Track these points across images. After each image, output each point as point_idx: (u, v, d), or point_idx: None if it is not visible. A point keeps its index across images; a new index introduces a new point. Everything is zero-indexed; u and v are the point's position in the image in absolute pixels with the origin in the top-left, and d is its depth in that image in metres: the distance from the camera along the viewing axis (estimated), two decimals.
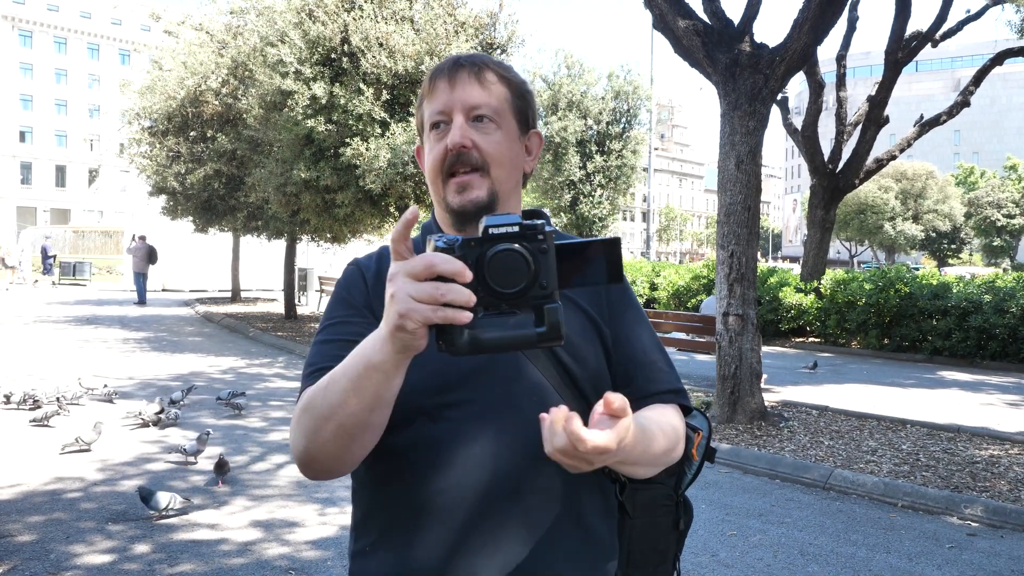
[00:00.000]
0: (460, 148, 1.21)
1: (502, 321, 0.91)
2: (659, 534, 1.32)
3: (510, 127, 1.28)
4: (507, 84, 1.29)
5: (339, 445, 1.07)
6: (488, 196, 1.23)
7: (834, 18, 7.12)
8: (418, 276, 0.89)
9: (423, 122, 1.30)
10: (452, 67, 1.26)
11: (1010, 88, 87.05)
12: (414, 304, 0.89)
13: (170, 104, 15.75)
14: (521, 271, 0.90)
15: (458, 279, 0.88)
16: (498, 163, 1.24)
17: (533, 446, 1.15)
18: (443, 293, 0.88)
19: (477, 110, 1.24)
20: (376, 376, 0.99)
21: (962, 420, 7.93)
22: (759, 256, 7.87)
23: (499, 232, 0.91)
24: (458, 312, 0.88)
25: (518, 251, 0.90)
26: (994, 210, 58.07)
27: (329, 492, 5.24)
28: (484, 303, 0.90)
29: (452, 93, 1.24)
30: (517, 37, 11.77)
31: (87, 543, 4.21)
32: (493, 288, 0.90)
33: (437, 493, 1.15)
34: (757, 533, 4.81)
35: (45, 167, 66.71)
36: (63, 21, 67.16)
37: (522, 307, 0.91)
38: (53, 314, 17.34)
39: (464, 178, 1.23)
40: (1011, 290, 12.68)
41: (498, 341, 0.91)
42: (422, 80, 2.26)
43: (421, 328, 0.90)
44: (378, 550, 1.20)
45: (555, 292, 0.91)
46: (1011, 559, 4.53)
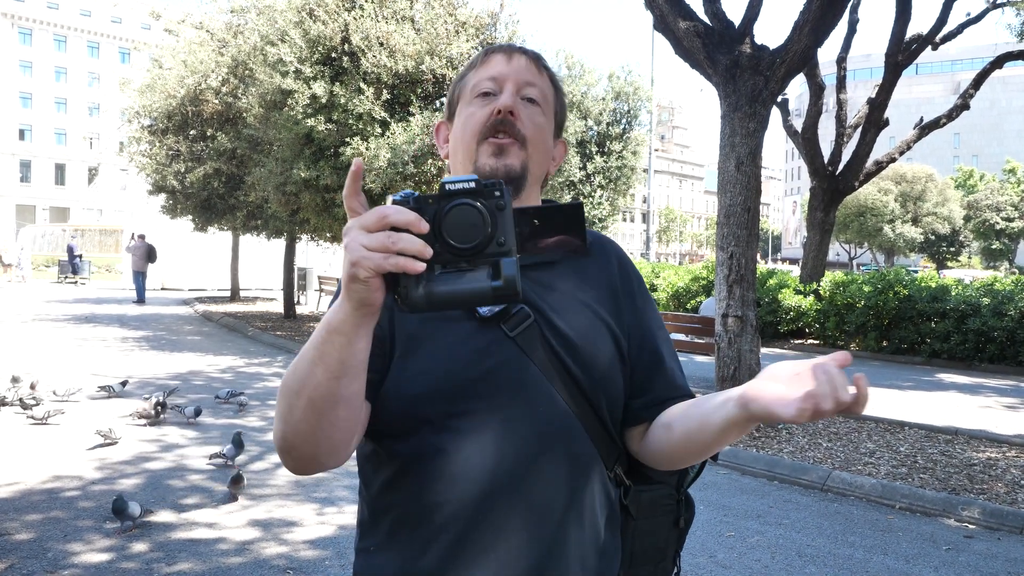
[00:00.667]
0: (509, 113, 1.22)
1: (459, 277, 0.91)
2: (660, 532, 1.33)
3: (549, 123, 1.31)
4: (554, 84, 1.33)
5: (310, 424, 1.04)
6: (521, 167, 1.24)
7: (835, 20, 7.12)
8: (370, 227, 0.89)
9: (460, 94, 1.31)
10: (511, 47, 1.30)
11: (1010, 91, 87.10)
12: (365, 252, 0.89)
13: (170, 103, 15.75)
14: (478, 226, 0.90)
15: (412, 229, 0.88)
16: (535, 143, 1.26)
17: (538, 456, 1.15)
18: (394, 241, 0.88)
19: (529, 89, 1.27)
20: (338, 339, 0.97)
21: (960, 422, 7.94)
22: (759, 258, 7.88)
23: (456, 188, 0.91)
24: (410, 261, 0.88)
25: (475, 206, 0.90)
26: (993, 213, 58.12)
27: (327, 492, 5.24)
28: (442, 260, 0.91)
29: (508, 66, 1.27)
30: (518, 37, 11.77)
31: (85, 542, 4.21)
32: (450, 243, 0.90)
33: (441, 502, 1.14)
34: (755, 534, 4.81)
35: (44, 165, 66.66)
36: (63, 19, 67.12)
37: (480, 264, 0.91)
38: (52, 312, 17.33)
39: (503, 140, 1.23)
40: (1009, 293, 12.70)
41: (452, 295, 0.90)
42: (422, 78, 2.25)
43: (375, 279, 0.90)
44: (383, 551, 1.20)
45: (513, 249, 0.91)
46: (1007, 561, 4.53)
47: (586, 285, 1.29)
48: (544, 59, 1.33)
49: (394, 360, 1.16)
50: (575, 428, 1.18)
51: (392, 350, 1.17)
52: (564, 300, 1.24)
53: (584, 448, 1.19)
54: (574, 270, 1.29)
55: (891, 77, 14.01)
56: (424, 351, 1.15)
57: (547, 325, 1.20)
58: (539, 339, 1.18)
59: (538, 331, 1.19)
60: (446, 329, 1.17)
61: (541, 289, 1.23)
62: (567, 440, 1.17)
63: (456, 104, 1.32)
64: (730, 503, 5.40)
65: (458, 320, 1.17)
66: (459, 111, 1.30)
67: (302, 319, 17.00)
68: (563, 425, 1.18)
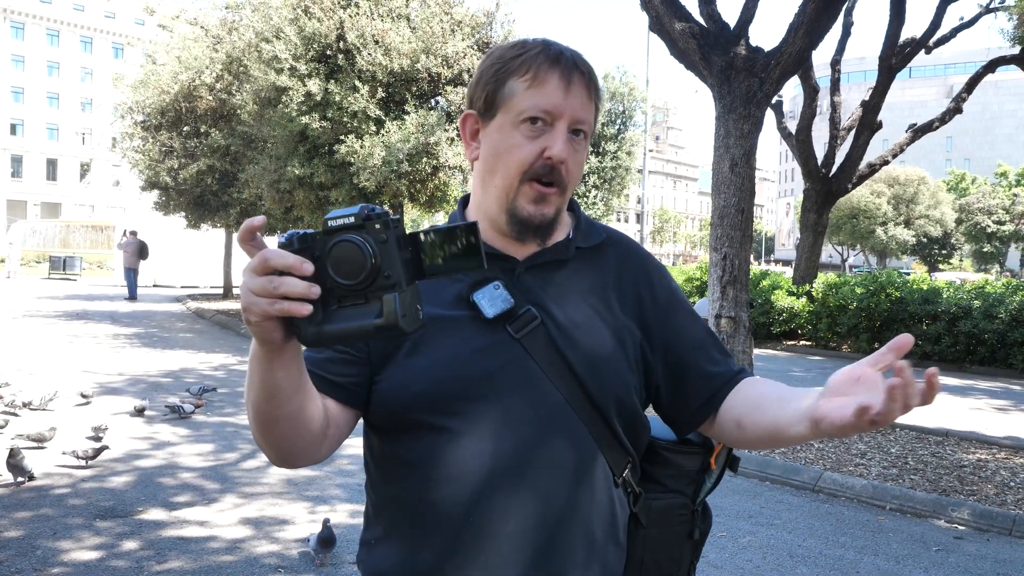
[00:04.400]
0: (560, 163, 1.18)
1: (351, 313, 0.91)
2: (673, 543, 1.31)
3: (588, 143, 1.27)
4: (599, 101, 1.26)
5: (259, 432, 1.09)
6: (555, 213, 1.22)
7: (829, 23, 7.14)
8: (256, 270, 0.90)
9: (504, 102, 1.19)
10: (569, 65, 1.19)
11: (1002, 95, 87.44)
12: (253, 298, 0.90)
13: (163, 99, 15.70)
14: (359, 262, 0.90)
15: (293, 272, 0.89)
16: (574, 182, 1.23)
17: (537, 457, 1.15)
18: (276, 286, 0.88)
19: (580, 125, 1.20)
20: (258, 366, 1.00)
21: (951, 424, 7.97)
22: (752, 259, 7.89)
23: (337, 224, 0.91)
24: (295, 305, 0.88)
25: (354, 241, 0.90)
26: (985, 216, 58.34)
27: (320, 490, 5.23)
28: (337, 296, 0.91)
29: (566, 98, 1.17)
30: (513, 37, 11.77)
31: (75, 539, 4.19)
32: (336, 280, 0.90)
33: (439, 499, 1.15)
34: (746, 535, 4.82)
35: (36, 160, 66.29)
36: (56, 13, 66.76)
37: (371, 298, 0.91)
38: (43, 309, 17.24)
39: (547, 190, 1.19)
40: (1000, 296, 12.76)
41: (338, 332, 0.91)
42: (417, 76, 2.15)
43: (266, 321, 0.91)
44: (383, 544, 1.21)
45: (400, 282, 0.90)
46: (997, 562, 4.56)
47: (599, 284, 1.27)
48: (596, 81, 1.23)
49: (397, 358, 1.16)
50: (577, 431, 1.18)
51: (372, 355, 1.18)
52: (574, 301, 1.23)
53: (586, 451, 1.18)
54: (587, 268, 1.28)
55: (885, 80, 14.05)
56: (428, 350, 1.16)
57: (554, 326, 1.19)
58: (545, 341, 1.18)
59: (544, 333, 1.18)
60: (451, 329, 1.17)
61: (551, 289, 1.22)
62: (568, 442, 1.16)
63: (496, 107, 1.20)
64: (722, 503, 5.41)
65: (463, 321, 1.17)
66: (500, 124, 1.20)
67: None
68: (565, 427, 1.17)
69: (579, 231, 1.30)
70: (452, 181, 11.81)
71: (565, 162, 1.18)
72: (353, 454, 5.78)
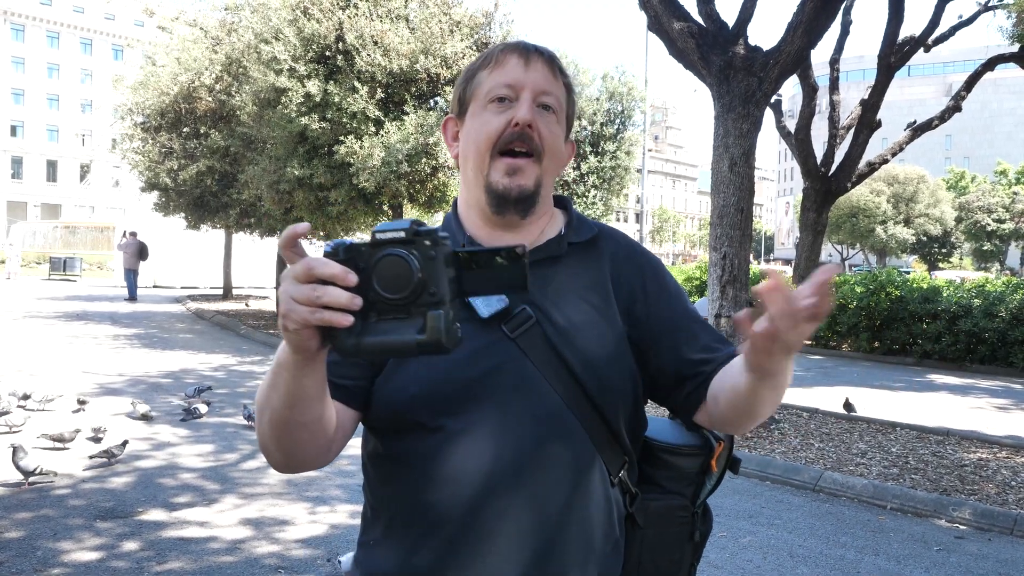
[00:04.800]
0: (527, 126, 1.20)
1: (391, 326, 0.90)
2: (672, 545, 1.30)
3: (563, 128, 1.28)
4: (566, 85, 1.29)
5: (274, 438, 1.09)
6: (534, 185, 1.23)
7: (828, 22, 7.14)
8: (299, 278, 0.89)
9: (473, 93, 1.26)
10: (527, 47, 1.25)
11: (1001, 93, 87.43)
12: (294, 305, 0.89)
13: (163, 100, 15.69)
14: (406, 277, 0.89)
15: (337, 282, 0.88)
16: (550, 154, 1.24)
17: (534, 457, 1.15)
18: (319, 295, 0.88)
19: (546, 96, 1.23)
20: (284, 374, 1.00)
21: (951, 423, 7.97)
22: (751, 258, 7.89)
23: (386, 238, 0.91)
24: (336, 315, 0.88)
25: (403, 256, 0.90)
26: (984, 215, 58.34)
27: (320, 491, 5.23)
28: (378, 309, 0.91)
29: (526, 71, 1.23)
30: (512, 37, 11.77)
31: (75, 540, 4.19)
32: (381, 293, 0.90)
33: (436, 501, 1.15)
34: (747, 535, 4.82)
35: (36, 162, 66.30)
36: (56, 15, 66.77)
37: (413, 313, 0.91)
38: (43, 309, 17.24)
39: (518, 160, 1.21)
40: (1000, 294, 12.76)
41: (378, 345, 0.90)
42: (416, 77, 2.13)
43: (304, 329, 0.91)
44: (380, 546, 1.21)
45: (444, 299, 0.90)
46: (998, 562, 4.55)
47: (592, 280, 1.27)
48: (559, 60, 1.28)
49: (391, 360, 1.16)
50: (575, 430, 1.17)
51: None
52: (569, 298, 1.23)
53: (583, 450, 1.18)
54: (580, 264, 1.27)
55: (884, 79, 14.04)
56: None
57: (550, 325, 1.19)
58: (540, 340, 1.17)
59: (539, 332, 1.18)
60: None
61: (546, 286, 1.22)
62: (565, 442, 1.16)
63: (467, 102, 1.27)
64: (722, 503, 5.41)
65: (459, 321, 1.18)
66: (472, 112, 1.26)
67: None
68: (562, 427, 1.17)
69: (571, 227, 1.31)
70: (451, 181, 11.80)
71: (534, 126, 1.20)
72: (353, 455, 5.74)
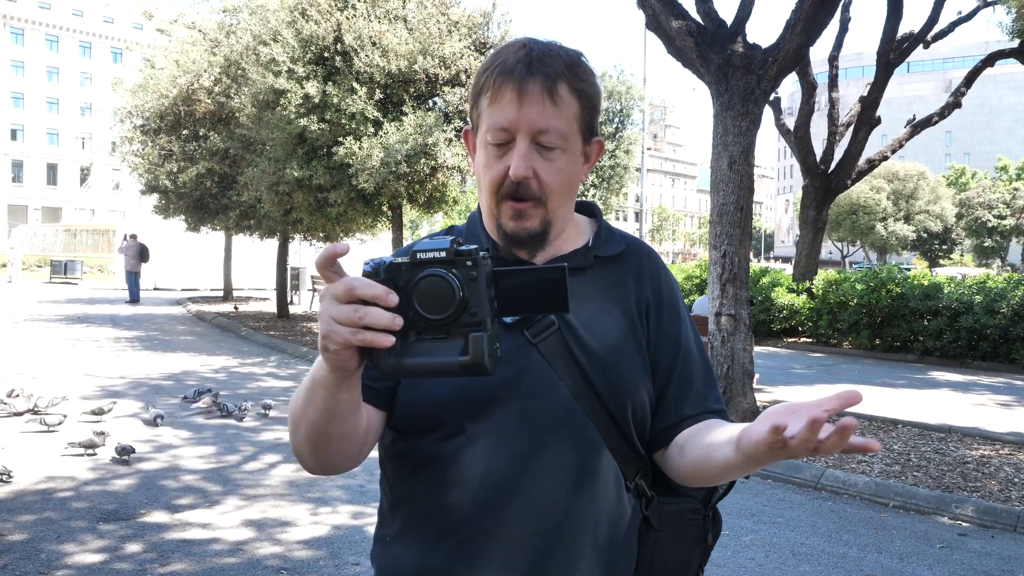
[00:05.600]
0: (522, 180, 1.16)
1: (433, 347, 0.90)
2: (684, 547, 1.31)
3: (574, 147, 1.20)
4: (579, 97, 1.18)
5: (310, 449, 1.11)
6: (541, 226, 1.20)
7: (827, 19, 7.14)
8: (339, 298, 0.89)
9: (477, 119, 1.22)
10: (523, 75, 1.14)
11: (1001, 89, 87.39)
12: (334, 326, 0.89)
13: (162, 102, 15.69)
14: (447, 297, 0.89)
15: (379, 303, 0.88)
16: (555, 194, 1.19)
17: (552, 462, 1.16)
18: (360, 316, 0.88)
19: (544, 135, 1.15)
20: (321, 391, 1.00)
21: (953, 420, 7.97)
22: (751, 256, 7.89)
23: (427, 257, 0.90)
24: (378, 336, 0.88)
25: (444, 277, 0.89)
26: (985, 211, 58.31)
27: (322, 492, 5.23)
28: (418, 328, 0.90)
29: (520, 110, 1.14)
30: (510, 37, 11.76)
31: (78, 542, 4.19)
32: (421, 313, 0.90)
33: (453, 502, 1.16)
34: (749, 533, 4.82)
35: (36, 165, 66.36)
36: (55, 19, 66.82)
37: (453, 333, 0.90)
38: (44, 313, 17.26)
39: (520, 205, 1.18)
40: (1002, 291, 12.74)
41: (420, 367, 0.90)
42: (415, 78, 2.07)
43: (345, 350, 0.90)
44: (397, 543, 1.22)
45: (486, 320, 0.90)
46: (1001, 559, 4.55)
47: (616, 294, 1.27)
48: (564, 70, 1.16)
49: None
50: (592, 437, 1.18)
51: None
52: (591, 308, 1.23)
53: (600, 456, 1.19)
54: (605, 278, 1.27)
55: (883, 75, 14.05)
56: None
57: (570, 333, 1.19)
58: (561, 347, 1.18)
59: (560, 339, 1.18)
60: None
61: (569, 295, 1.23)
62: (582, 448, 1.17)
63: (476, 123, 1.22)
64: (723, 502, 5.36)
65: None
66: (477, 143, 1.23)
67: (295, 319, 16.96)
68: (579, 433, 1.17)
69: (599, 239, 1.30)
70: (451, 182, 11.80)
71: (532, 177, 1.16)
72: None
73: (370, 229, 15.47)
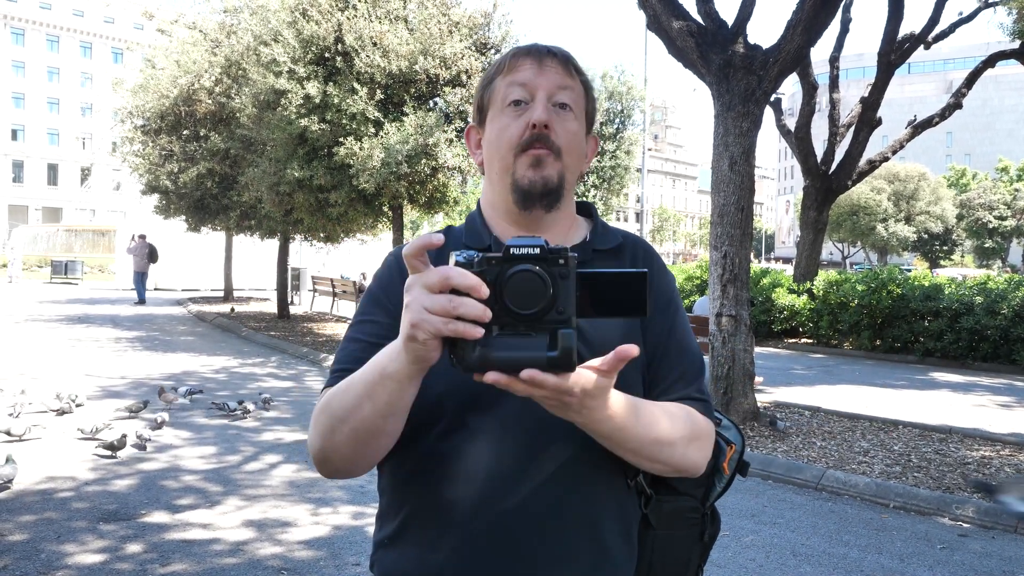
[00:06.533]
0: (544, 126, 1.20)
1: (516, 342, 0.90)
2: (682, 545, 1.32)
3: (582, 123, 1.29)
4: (583, 82, 1.30)
5: (352, 448, 1.10)
6: (558, 178, 1.23)
7: (827, 20, 7.14)
8: (433, 288, 0.90)
9: (490, 99, 1.28)
10: (540, 50, 1.27)
11: (1002, 90, 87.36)
12: (426, 315, 0.89)
13: (163, 103, 15.70)
14: (539, 293, 0.90)
15: (473, 294, 0.88)
16: (569, 151, 1.24)
17: (550, 460, 1.16)
18: (455, 306, 0.88)
19: (561, 95, 1.24)
20: (390, 385, 1.00)
21: (954, 421, 7.96)
22: (752, 257, 7.89)
23: (520, 253, 0.91)
24: (469, 327, 0.88)
25: (537, 273, 0.90)
26: (986, 212, 58.29)
27: (322, 492, 5.23)
28: (500, 323, 0.91)
29: (540, 73, 1.24)
30: (511, 37, 11.78)
31: (79, 543, 4.19)
32: (510, 308, 0.90)
33: (453, 500, 1.16)
34: (749, 534, 4.82)
35: (37, 165, 66.38)
36: (56, 19, 66.86)
37: (538, 330, 0.91)
38: (45, 313, 17.27)
39: (541, 152, 1.21)
40: (1003, 292, 12.74)
41: (507, 360, 0.90)
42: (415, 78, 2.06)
43: (432, 340, 0.91)
44: (397, 545, 1.22)
45: (572, 318, 0.91)
46: (1002, 560, 4.55)
47: None
48: (575, 58, 1.30)
49: None
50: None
51: None
52: None
53: (599, 454, 1.18)
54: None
55: (884, 76, 14.05)
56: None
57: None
58: None
59: None
60: None
61: None
62: (583, 443, 1.16)
63: (486, 110, 1.29)
64: (724, 502, 5.40)
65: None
66: (490, 119, 1.28)
67: (296, 319, 16.97)
68: (579, 429, 1.16)
69: (596, 234, 1.33)
70: (451, 182, 11.81)
71: (550, 125, 1.21)
72: None
73: (371, 229, 15.48)
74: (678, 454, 1.16)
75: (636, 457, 1.14)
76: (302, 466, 5.85)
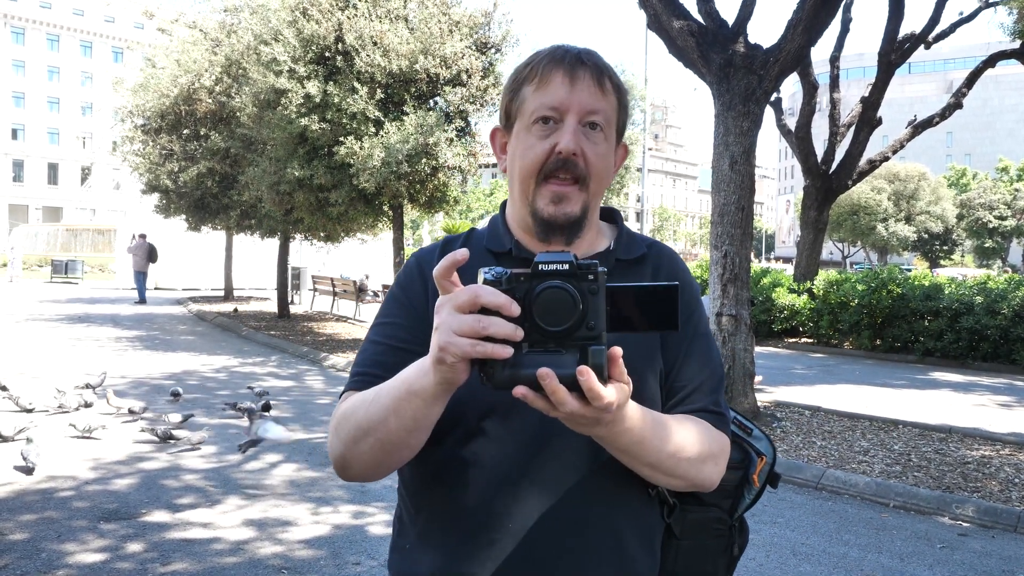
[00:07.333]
0: (571, 155, 1.16)
1: (546, 359, 0.89)
2: (707, 556, 1.30)
3: (611, 140, 1.23)
4: (618, 93, 1.23)
5: (375, 458, 1.10)
6: (581, 211, 1.19)
7: (828, 19, 7.14)
8: (462, 308, 0.89)
9: (519, 110, 1.22)
10: (573, 62, 1.19)
11: (1002, 90, 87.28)
12: (454, 338, 0.88)
13: (163, 102, 15.70)
14: (568, 310, 0.89)
15: (503, 312, 0.87)
16: (597, 176, 1.20)
17: (569, 468, 1.15)
18: (485, 326, 0.87)
19: (592, 116, 1.18)
20: (416, 402, 0.99)
21: (953, 421, 7.97)
22: (752, 257, 7.89)
23: (549, 269, 0.90)
24: (497, 347, 0.87)
25: (567, 289, 0.89)
26: (986, 212, 58.26)
27: (323, 491, 5.23)
28: (530, 340, 0.89)
29: (571, 91, 1.17)
30: (512, 36, 11.77)
31: (79, 542, 4.19)
32: (539, 325, 0.89)
33: (473, 505, 1.16)
34: (750, 533, 4.81)
35: (37, 165, 66.36)
36: (56, 18, 66.83)
37: (568, 346, 0.90)
38: (45, 312, 17.27)
39: (563, 188, 1.17)
40: (1003, 292, 12.74)
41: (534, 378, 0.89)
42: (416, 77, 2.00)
43: (461, 362, 0.90)
44: (417, 550, 1.22)
45: (602, 334, 0.90)
46: (1002, 559, 4.55)
47: None
48: (608, 65, 1.22)
49: None
50: None
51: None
52: None
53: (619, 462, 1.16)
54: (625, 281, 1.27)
55: (884, 76, 14.05)
56: None
57: None
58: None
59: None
60: None
61: None
62: (602, 452, 1.14)
63: (513, 117, 1.23)
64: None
65: None
66: (517, 130, 1.22)
67: (296, 319, 16.97)
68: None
69: (620, 243, 1.30)
70: (451, 182, 11.80)
71: (579, 153, 1.16)
72: None
73: (371, 229, 15.47)
74: (695, 469, 1.15)
75: (653, 472, 1.12)
76: (302, 465, 5.85)
